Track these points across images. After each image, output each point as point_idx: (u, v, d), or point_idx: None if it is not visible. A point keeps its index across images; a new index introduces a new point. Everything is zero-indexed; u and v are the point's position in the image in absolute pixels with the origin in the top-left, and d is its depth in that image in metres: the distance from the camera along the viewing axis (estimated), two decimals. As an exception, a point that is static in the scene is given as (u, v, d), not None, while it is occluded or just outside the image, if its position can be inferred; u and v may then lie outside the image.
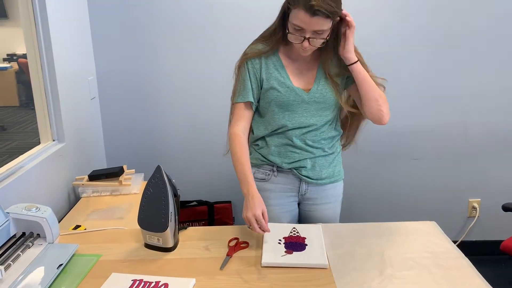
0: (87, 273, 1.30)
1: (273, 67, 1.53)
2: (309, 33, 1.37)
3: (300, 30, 1.37)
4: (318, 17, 1.32)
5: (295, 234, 1.47)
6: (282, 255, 1.34)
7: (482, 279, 1.25)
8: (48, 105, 1.95)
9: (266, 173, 1.64)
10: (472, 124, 2.56)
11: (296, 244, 1.40)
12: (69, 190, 2.05)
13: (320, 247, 1.38)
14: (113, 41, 2.42)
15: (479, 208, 2.69)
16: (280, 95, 1.52)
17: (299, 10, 1.33)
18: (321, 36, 1.39)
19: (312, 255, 1.34)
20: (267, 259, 1.32)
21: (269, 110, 1.57)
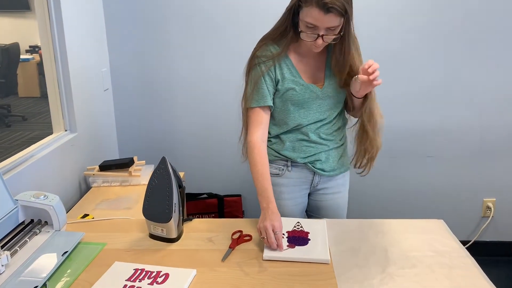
0: (91, 261, 1.33)
1: (285, 67, 1.50)
2: (323, 30, 1.34)
3: (312, 28, 1.35)
4: (332, 14, 1.30)
5: (298, 228, 1.46)
6: (284, 249, 1.34)
7: (486, 279, 1.22)
8: (61, 95, 1.99)
9: (280, 168, 1.62)
10: (488, 123, 2.51)
11: (299, 239, 1.40)
12: (80, 179, 2.08)
13: (323, 243, 1.38)
14: (126, 34, 2.44)
15: (494, 208, 2.64)
16: (296, 94, 1.50)
17: (312, 7, 1.30)
18: (334, 32, 1.37)
19: (314, 250, 1.34)
20: (269, 252, 1.32)
21: (284, 110, 1.54)
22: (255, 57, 1.51)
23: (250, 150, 1.50)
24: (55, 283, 1.21)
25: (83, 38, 2.14)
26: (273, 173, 1.61)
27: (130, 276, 1.22)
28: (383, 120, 1.54)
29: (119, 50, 2.47)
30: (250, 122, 1.53)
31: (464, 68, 2.43)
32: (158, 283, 1.19)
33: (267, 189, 1.44)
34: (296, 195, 1.66)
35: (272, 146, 1.62)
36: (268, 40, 1.50)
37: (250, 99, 1.52)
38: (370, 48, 2.41)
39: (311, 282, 1.21)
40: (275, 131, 1.60)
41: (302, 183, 1.65)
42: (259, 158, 1.48)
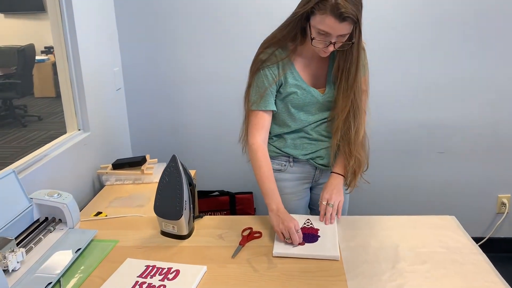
0: (104, 257, 1.35)
1: (288, 70, 1.50)
2: (335, 38, 1.34)
3: (324, 35, 1.34)
4: (346, 22, 1.29)
5: (308, 225, 1.47)
6: (294, 246, 1.34)
7: (498, 276, 1.21)
8: (74, 95, 2.01)
9: (282, 164, 1.64)
10: (501, 118, 2.47)
11: (309, 236, 1.40)
12: (93, 178, 2.11)
13: (333, 239, 1.38)
14: (138, 33, 2.47)
15: (509, 204, 2.60)
16: (297, 97, 1.51)
17: (327, 15, 1.29)
18: (344, 39, 1.36)
19: (324, 246, 1.34)
20: (279, 249, 1.33)
21: (286, 112, 1.55)
22: (259, 61, 1.50)
23: (253, 153, 1.52)
24: (68, 280, 1.24)
25: (95, 38, 2.17)
26: (275, 169, 1.61)
27: (142, 273, 1.24)
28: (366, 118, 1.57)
29: (131, 50, 2.50)
30: (253, 124, 1.54)
31: (476, 63, 2.40)
32: (169, 279, 1.21)
33: (274, 190, 1.47)
34: (298, 189, 1.67)
35: (274, 143, 1.63)
36: (273, 44, 1.48)
37: (253, 102, 1.53)
38: (381, 43, 2.40)
39: (321, 278, 1.21)
40: (276, 131, 1.61)
41: (304, 177, 1.67)
42: (263, 160, 1.50)
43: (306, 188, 1.70)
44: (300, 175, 1.66)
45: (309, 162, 1.63)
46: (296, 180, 1.66)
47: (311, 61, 1.51)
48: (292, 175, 1.65)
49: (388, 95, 2.48)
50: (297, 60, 1.50)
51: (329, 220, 1.47)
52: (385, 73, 2.45)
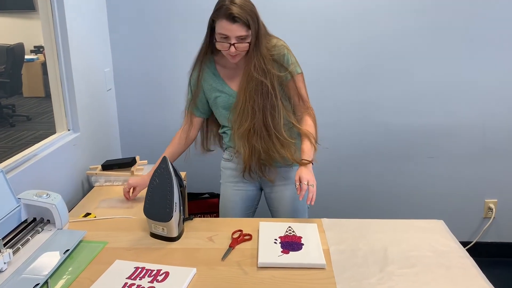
0: (93, 259, 1.34)
1: (211, 78, 1.71)
2: (234, 39, 1.53)
3: (225, 38, 1.54)
4: (238, 24, 1.50)
5: (291, 233, 1.46)
6: (279, 255, 1.33)
7: (485, 279, 1.23)
8: (64, 95, 2.00)
9: (230, 155, 1.84)
10: (490, 123, 2.50)
11: (292, 244, 1.39)
12: (83, 178, 2.10)
13: (317, 246, 1.37)
14: (130, 34, 2.46)
15: (496, 209, 2.64)
16: (222, 100, 1.71)
17: (221, 20, 1.52)
18: (244, 41, 1.55)
19: (310, 255, 1.33)
20: (264, 259, 1.31)
21: (218, 113, 1.77)
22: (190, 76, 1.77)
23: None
24: (56, 281, 1.22)
25: (86, 38, 2.15)
26: (225, 158, 1.87)
27: (131, 274, 1.23)
28: None
29: (122, 50, 2.49)
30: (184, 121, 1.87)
31: (466, 68, 2.43)
32: (158, 281, 1.20)
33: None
34: (240, 179, 1.82)
35: (224, 137, 1.84)
36: (199, 57, 1.72)
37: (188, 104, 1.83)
38: (371, 48, 2.42)
39: (310, 280, 1.22)
40: (222, 128, 1.82)
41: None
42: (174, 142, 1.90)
43: (249, 184, 1.83)
44: (241, 167, 1.77)
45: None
46: (240, 171, 1.79)
47: (236, 70, 1.70)
48: (237, 165, 1.81)
49: (377, 101, 2.50)
50: (222, 70, 1.72)
51: (310, 200, 1.51)
52: (374, 79, 2.47)
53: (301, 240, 1.41)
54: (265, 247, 1.37)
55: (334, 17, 2.38)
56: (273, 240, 1.41)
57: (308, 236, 1.44)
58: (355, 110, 2.53)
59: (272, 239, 1.41)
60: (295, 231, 1.47)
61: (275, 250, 1.35)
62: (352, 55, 2.43)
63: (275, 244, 1.38)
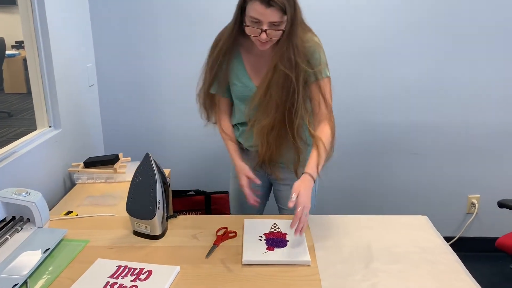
0: (74, 258, 1.31)
1: (235, 62, 1.57)
2: (266, 25, 1.37)
3: (257, 23, 1.38)
4: (273, 8, 1.34)
5: (275, 230, 1.45)
6: (264, 252, 1.32)
7: (468, 274, 1.24)
8: (45, 91, 1.96)
9: (241, 149, 1.73)
10: (473, 120, 2.53)
11: (277, 241, 1.38)
12: (65, 176, 2.06)
13: (302, 243, 1.36)
14: (112, 28, 2.42)
15: (478, 205, 2.67)
16: (237, 89, 1.59)
17: (255, 2, 1.35)
18: (278, 28, 1.39)
19: (294, 251, 1.32)
20: (248, 256, 1.29)
21: (234, 102, 1.67)
22: (211, 48, 1.60)
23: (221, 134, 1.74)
24: (36, 281, 1.20)
25: (67, 33, 2.11)
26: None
27: (113, 273, 1.21)
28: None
29: (105, 45, 2.45)
30: (216, 108, 1.72)
31: (450, 66, 2.45)
32: (141, 280, 1.18)
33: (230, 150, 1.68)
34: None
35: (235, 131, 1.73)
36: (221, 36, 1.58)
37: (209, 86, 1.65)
38: (357, 45, 2.42)
39: (295, 278, 1.21)
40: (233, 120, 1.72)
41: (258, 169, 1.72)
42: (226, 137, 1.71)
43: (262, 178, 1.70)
44: (250, 164, 1.67)
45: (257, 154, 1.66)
46: (251, 167, 1.67)
47: (260, 58, 1.55)
48: (247, 162, 1.67)
49: (361, 98, 2.51)
50: (246, 55, 1.57)
51: (299, 232, 1.33)
52: (358, 75, 2.47)
53: (286, 237, 1.41)
54: (249, 244, 1.36)
55: (317, 14, 2.37)
56: (258, 237, 1.40)
57: (293, 232, 1.43)
58: (339, 107, 2.53)
59: (257, 236, 1.40)
60: (280, 228, 1.46)
61: (259, 248, 1.34)
62: (336, 53, 2.42)
63: (260, 241, 1.37)
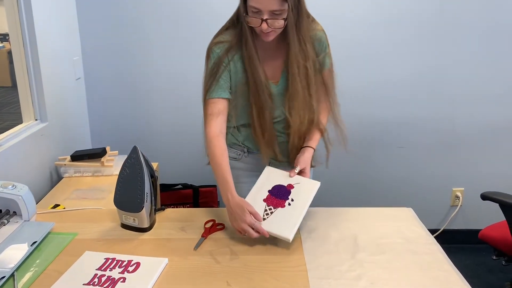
0: (61, 251, 1.31)
1: (240, 59, 1.48)
2: (267, 14, 1.33)
3: (257, 12, 1.33)
4: None
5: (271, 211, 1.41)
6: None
7: (451, 264, 1.26)
8: (31, 84, 1.94)
9: (237, 153, 1.64)
10: (459, 115, 2.57)
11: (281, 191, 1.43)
12: (51, 169, 2.05)
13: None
14: (99, 21, 2.40)
15: (462, 197, 2.71)
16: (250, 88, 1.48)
17: None
18: (279, 17, 1.34)
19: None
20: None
21: (237, 103, 1.52)
22: (211, 49, 1.49)
23: (208, 143, 1.47)
24: (23, 273, 1.19)
25: (54, 25, 2.09)
26: (231, 157, 1.59)
27: (101, 265, 1.21)
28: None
29: (92, 38, 2.43)
30: (207, 114, 1.49)
31: (436, 61, 2.48)
32: (129, 271, 1.19)
33: (226, 180, 1.39)
34: (254, 179, 1.55)
35: (232, 132, 1.62)
36: (222, 30, 1.50)
37: (207, 90, 1.49)
38: (344, 40, 2.44)
39: (282, 269, 1.23)
40: (231, 123, 1.57)
41: (259, 169, 1.62)
42: (217, 150, 1.44)
43: None
44: (254, 166, 1.64)
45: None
46: (251, 171, 1.64)
47: (266, 52, 1.49)
48: (247, 165, 1.65)
49: (347, 91, 2.52)
50: None
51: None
52: (345, 69, 2.49)
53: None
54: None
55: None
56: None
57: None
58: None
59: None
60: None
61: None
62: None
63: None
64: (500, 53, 2.47)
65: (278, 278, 1.18)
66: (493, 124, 2.58)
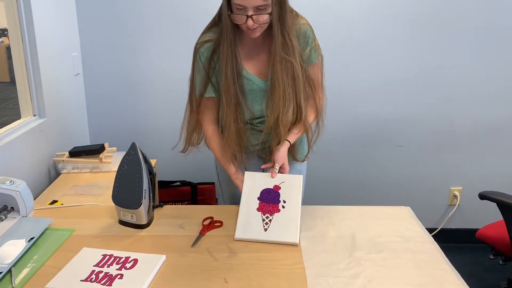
0: (59, 247, 1.31)
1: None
2: (251, 11, 1.33)
3: (242, 9, 1.34)
4: None
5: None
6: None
7: (448, 263, 1.26)
8: (29, 79, 1.94)
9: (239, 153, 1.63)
10: (457, 114, 2.56)
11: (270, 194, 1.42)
12: (49, 165, 2.04)
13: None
14: (98, 17, 2.39)
15: (460, 197, 2.71)
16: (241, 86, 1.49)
17: None
18: (264, 12, 1.35)
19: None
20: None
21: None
22: (196, 49, 1.52)
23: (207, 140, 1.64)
24: (20, 269, 1.19)
25: (53, 21, 2.08)
26: None
27: (99, 262, 1.21)
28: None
29: (91, 34, 2.42)
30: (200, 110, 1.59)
31: (434, 59, 2.48)
32: (127, 268, 1.19)
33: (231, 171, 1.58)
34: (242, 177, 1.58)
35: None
36: (206, 30, 1.52)
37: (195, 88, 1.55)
38: (341, 38, 2.43)
39: (279, 266, 1.23)
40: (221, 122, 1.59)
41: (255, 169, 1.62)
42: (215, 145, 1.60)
43: None
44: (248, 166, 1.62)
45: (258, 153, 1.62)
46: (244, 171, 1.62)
47: (252, 49, 1.50)
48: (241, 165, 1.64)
49: (346, 90, 2.52)
50: (240, 48, 1.48)
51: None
52: (342, 68, 2.49)
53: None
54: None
55: (300, 6, 2.37)
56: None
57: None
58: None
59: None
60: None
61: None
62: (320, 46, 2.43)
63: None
64: (497, 53, 2.47)
65: (275, 275, 1.18)
66: (491, 123, 2.58)
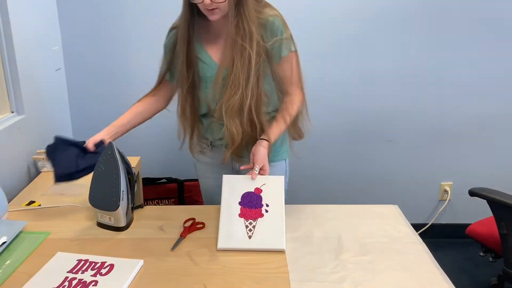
0: (33, 251, 1.26)
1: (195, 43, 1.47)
2: None
3: None
4: None
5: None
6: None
7: (436, 264, 1.23)
8: (6, 74, 1.86)
9: (203, 146, 1.64)
10: (447, 108, 2.53)
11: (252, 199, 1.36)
12: (29, 164, 1.98)
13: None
14: (80, 9, 2.31)
15: (451, 192, 2.69)
16: (200, 70, 1.47)
17: None
18: None
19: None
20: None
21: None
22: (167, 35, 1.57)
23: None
24: (-10, 276, 1.14)
25: (30, 13, 2.01)
26: (198, 150, 1.65)
27: (73, 268, 1.16)
28: None
29: (72, 27, 2.34)
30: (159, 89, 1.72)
31: (425, 54, 2.43)
32: (102, 274, 1.14)
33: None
34: (218, 175, 1.49)
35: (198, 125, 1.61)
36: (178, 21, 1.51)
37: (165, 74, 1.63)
38: (331, 31, 2.38)
39: (263, 270, 1.18)
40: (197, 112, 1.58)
41: (224, 165, 1.60)
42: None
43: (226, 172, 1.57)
44: (219, 161, 1.59)
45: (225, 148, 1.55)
46: (216, 166, 1.62)
47: (217, 35, 1.47)
48: (212, 160, 1.64)
49: (336, 84, 2.47)
50: (204, 35, 1.48)
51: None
52: (332, 61, 2.44)
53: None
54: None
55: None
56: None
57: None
58: (312, 94, 2.49)
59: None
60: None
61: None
62: (309, 37, 2.38)
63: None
64: (488, 48, 2.43)
65: (257, 280, 1.14)
66: (481, 118, 2.55)
